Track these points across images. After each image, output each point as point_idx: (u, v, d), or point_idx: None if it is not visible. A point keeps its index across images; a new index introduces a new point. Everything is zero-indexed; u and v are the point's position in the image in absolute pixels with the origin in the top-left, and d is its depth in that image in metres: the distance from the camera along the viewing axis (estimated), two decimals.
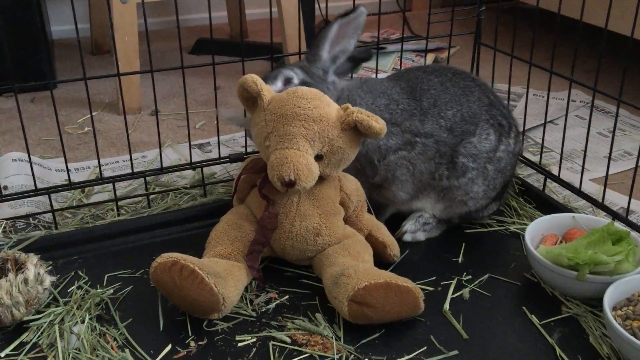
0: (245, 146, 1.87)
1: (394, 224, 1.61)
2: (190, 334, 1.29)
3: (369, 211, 1.56)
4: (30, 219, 1.69)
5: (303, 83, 1.50)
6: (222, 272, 1.31)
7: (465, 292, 1.42)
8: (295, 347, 1.25)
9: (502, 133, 1.58)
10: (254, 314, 1.35)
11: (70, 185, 1.67)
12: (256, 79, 1.37)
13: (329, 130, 1.35)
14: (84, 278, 1.45)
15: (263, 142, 1.38)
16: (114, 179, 1.71)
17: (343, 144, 1.37)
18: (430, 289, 1.43)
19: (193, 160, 1.81)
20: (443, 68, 1.66)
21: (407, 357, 1.23)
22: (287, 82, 1.51)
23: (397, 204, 1.62)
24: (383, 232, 1.52)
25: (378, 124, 1.34)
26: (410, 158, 1.53)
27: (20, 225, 1.68)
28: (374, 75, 2.04)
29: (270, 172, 1.34)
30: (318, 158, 1.36)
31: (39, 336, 1.28)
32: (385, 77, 1.69)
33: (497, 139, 1.57)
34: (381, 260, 1.49)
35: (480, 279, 1.47)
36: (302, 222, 1.42)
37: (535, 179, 1.92)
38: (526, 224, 1.58)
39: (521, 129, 1.70)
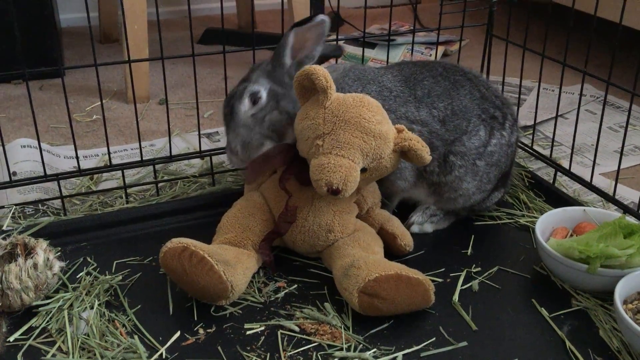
0: None
1: (403, 217, 1.60)
2: (198, 321, 1.29)
3: (383, 204, 1.55)
4: (39, 205, 1.69)
5: (270, 92, 1.47)
6: (231, 260, 1.31)
7: (475, 284, 1.41)
8: (304, 336, 1.25)
9: (494, 126, 1.56)
10: (262, 299, 1.35)
11: (79, 172, 1.67)
12: (327, 73, 1.32)
13: (384, 148, 1.34)
14: (93, 264, 1.45)
15: (314, 140, 1.33)
16: (123, 167, 1.70)
17: (388, 164, 1.37)
18: (439, 280, 1.43)
19: (201, 149, 1.80)
20: (434, 63, 1.66)
21: (415, 348, 1.23)
22: (254, 97, 1.47)
23: (398, 192, 1.60)
24: (393, 224, 1.51)
25: (429, 156, 1.35)
26: None
27: (29, 211, 1.68)
28: None
29: (319, 175, 1.30)
30: (362, 171, 1.35)
31: (47, 321, 1.28)
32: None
33: (487, 134, 1.55)
34: (393, 253, 1.49)
35: (490, 271, 1.46)
36: (316, 217, 1.41)
37: (545, 172, 1.91)
38: (536, 217, 1.58)
39: (517, 116, 1.68)
